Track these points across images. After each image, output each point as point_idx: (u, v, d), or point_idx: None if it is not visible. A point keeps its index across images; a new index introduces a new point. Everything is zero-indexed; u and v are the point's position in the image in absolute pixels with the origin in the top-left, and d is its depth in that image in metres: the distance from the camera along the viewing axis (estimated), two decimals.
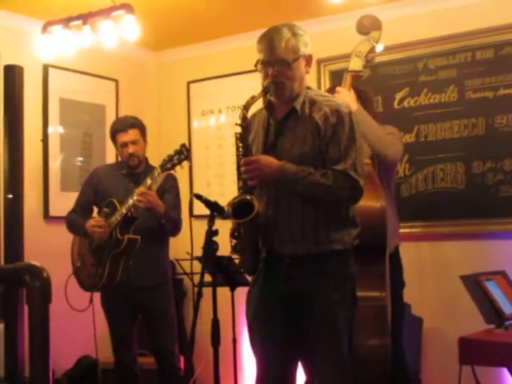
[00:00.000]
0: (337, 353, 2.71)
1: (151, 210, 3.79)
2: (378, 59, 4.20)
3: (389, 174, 3.69)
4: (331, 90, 3.61)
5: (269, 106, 2.83)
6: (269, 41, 2.73)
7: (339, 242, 2.73)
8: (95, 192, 4.04)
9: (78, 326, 4.39)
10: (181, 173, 4.17)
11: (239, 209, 2.70)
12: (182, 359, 4.00)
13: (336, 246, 2.73)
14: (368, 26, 3.70)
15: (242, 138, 2.78)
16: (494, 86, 4.46)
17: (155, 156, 4.24)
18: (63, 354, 4.55)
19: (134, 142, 3.95)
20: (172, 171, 3.73)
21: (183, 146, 3.70)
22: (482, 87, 4.51)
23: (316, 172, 2.67)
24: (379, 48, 3.76)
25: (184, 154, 3.66)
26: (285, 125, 2.79)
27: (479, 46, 4.51)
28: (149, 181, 3.73)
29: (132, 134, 3.96)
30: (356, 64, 3.65)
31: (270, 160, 2.71)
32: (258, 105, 2.86)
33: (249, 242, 2.75)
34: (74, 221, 4.03)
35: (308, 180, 2.66)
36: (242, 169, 2.71)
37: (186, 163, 3.71)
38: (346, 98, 3.50)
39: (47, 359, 2.43)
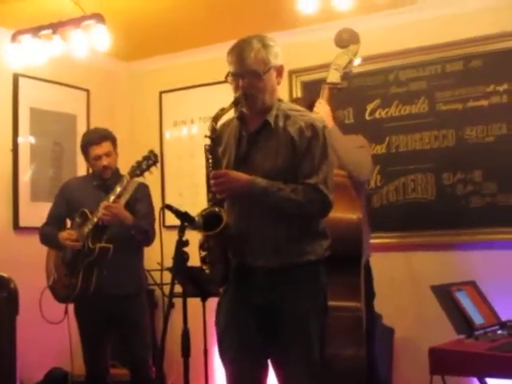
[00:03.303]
0: (308, 361, 2.71)
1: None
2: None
3: (359, 188, 3.70)
4: (309, 104, 3.61)
5: (241, 117, 2.83)
6: (238, 52, 2.72)
7: (312, 253, 2.74)
8: (68, 204, 4.01)
9: (53, 337, 4.33)
10: (153, 183, 4.15)
11: (209, 220, 2.68)
12: (154, 370, 3.97)
13: (309, 257, 2.73)
14: (347, 40, 3.74)
15: (212, 150, 2.76)
16: (464, 98, 4.51)
17: (128, 167, 4.20)
18: (36, 366, 4.50)
19: (107, 154, 3.92)
20: (142, 178, 3.74)
21: (151, 151, 3.72)
22: (451, 99, 4.55)
23: (286, 187, 2.66)
24: (357, 61, 3.80)
25: (152, 159, 3.67)
26: (258, 137, 2.78)
27: (449, 58, 4.56)
28: (118, 188, 3.71)
29: (105, 147, 3.92)
30: (334, 76, 3.69)
31: (238, 174, 2.69)
32: (230, 114, 2.85)
33: (218, 253, 2.73)
34: (48, 234, 3.98)
35: (278, 195, 2.66)
36: (212, 182, 2.69)
37: (154, 169, 3.72)
38: (323, 112, 3.53)
39: (14, 371, 2.39)
